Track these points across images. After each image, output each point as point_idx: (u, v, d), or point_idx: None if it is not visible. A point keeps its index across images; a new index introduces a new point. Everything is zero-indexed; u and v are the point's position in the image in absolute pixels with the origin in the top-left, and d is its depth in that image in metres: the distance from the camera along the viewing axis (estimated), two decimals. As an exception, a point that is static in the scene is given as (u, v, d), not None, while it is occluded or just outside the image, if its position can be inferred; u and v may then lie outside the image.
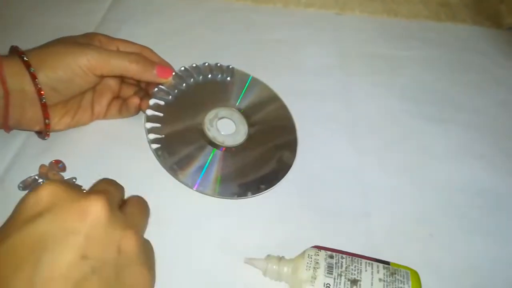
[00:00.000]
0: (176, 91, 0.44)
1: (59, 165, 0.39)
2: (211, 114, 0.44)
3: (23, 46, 0.39)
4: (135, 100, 0.44)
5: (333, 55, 0.58)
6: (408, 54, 0.59)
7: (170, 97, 0.43)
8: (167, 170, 0.40)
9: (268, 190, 0.41)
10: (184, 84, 0.45)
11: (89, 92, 0.43)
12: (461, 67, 0.58)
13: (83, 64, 0.38)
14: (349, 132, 0.48)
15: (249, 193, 0.40)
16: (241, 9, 0.63)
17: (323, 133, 0.48)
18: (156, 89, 0.43)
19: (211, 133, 0.43)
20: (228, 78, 0.48)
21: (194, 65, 0.46)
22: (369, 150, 0.47)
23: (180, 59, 0.46)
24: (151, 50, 0.45)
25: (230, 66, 0.48)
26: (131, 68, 0.40)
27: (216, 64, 0.48)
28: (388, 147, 0.47)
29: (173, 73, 0.44)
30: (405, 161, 0.46)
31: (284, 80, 0.51)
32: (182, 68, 0.45)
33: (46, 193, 0.25)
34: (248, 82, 0.48)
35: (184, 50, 0.56)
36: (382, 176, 0.44)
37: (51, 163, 0.40)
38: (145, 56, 0.42)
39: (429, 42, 0.61)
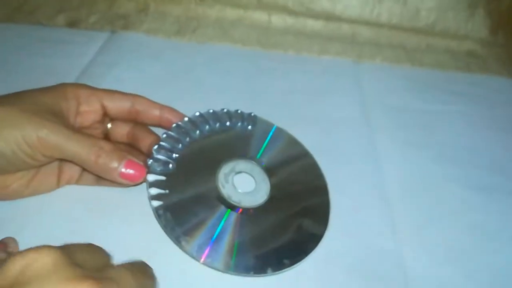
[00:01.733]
0: (187, 139, 0.37)
1: (9, 245, 0.30)
2: (226, 168, 0.37)
3: (4, 89, 0.32)
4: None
5: (355, 107, 0.50)
6: (439, 108, 0.52)
7: (180, 145, 0.36)
8: (169, 237, 0.32)
9: (293, 266, 0.32)
10: (197, 132, 0.38)
11: None
12: (503, 125, 0.50)
13: (31, 142, 0.29)
14: (380, 200, 0.40)
15: (269, 269, 0.32)
16: (248, 54, 0.57)
17: (351, 203, 0.39)
18: (164, 135, 0.36)
19: (225, 190, 0.35)
20: (249, 127, 0.40)
21: (211, 110, 0.40)
22: (407, 227, 0.38)
23: (179, 107, 0.39)
24: (145, 99, 0.37)
25: (252, 114, 0.41)
26: (88, 162, 0.31)
27: (236, 110, 0.41)
28: (431, 223, 0.39)
29: (186, 118, 0.37)
30: (454, 242, 0.37)
31: (299, 134, 0.43)
32: (197, 114, 0.39)
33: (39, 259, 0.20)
34: (272, 132, 0.41)
35: (183, 97, 0.48)
36: (427, 262, 0.35)
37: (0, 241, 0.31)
38: (113, 146, 0.32)
39: (461, 95, 0.54)
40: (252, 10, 0.61)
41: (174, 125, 0.37)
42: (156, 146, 0.35)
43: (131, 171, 0.32)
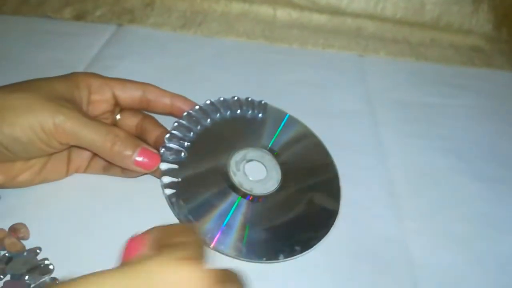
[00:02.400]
0: (198, 127, 0.37)
1: (20, 230, 0.31)
2: (238, 156, 0.37)
3: (12, 80, 0.32)
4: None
5: (360, 100, 0.51)
6: (444, 102, 0.52)
7: (191, 134, 0.36)
8: (180, 221, 0.32)
9: (304, 253, 0.33)
10: (208, 120, 0.38)
11: None
12: (507, 118, 0.51)
13: (47, 128, 0.29)
14: (387, 192, 0.40)
15: (281, 256, 0.32)
16: (253, 47, 0.57)
17: (357, 194, 0.39)
18: (175, 123, 0.36)
19: (237, 178, 0.35)
20: (260, 115, 0.40)
21: (221, 98, 0.39)
22: (413, 216, 0.38)
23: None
24: (156, 87, 0.37)
25: (263, 102, 0.41)
26: (104, 149, 0.31)
27: (247, 98, 0.40)
28: (437, 213, 0.39)
29: (197, 107, 0.37)
30: (459, 232, 0.38)
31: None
32: (208, 102, 0.38)
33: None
34: (285, 120, 0.41)
35: (189, 89, 0.48)
36: (433, 251, 0.36)
37: (11, 227, 0.31)
38: (128, 134, 0.32)
39: (465, 89, 0.54)
40: (257, 4, 0.61)
41: (185, 113, 0.37)
42: (168, 135, 0.35)
43: (145, 160, 0.32)
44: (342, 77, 0.54)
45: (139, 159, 0.32)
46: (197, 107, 0.37)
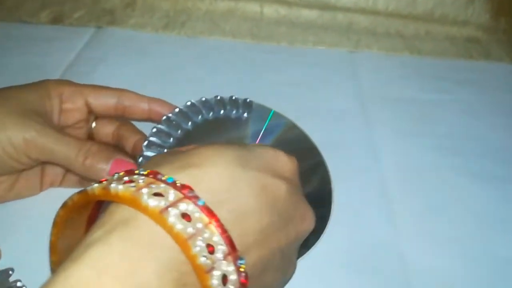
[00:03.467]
0: (179, 131, 0.34)
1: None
2: None
3: None
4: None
5: (352, 98, 0.48)
6: (439, 97, 0.50)
7: (171, 139, 0.34)
8: None
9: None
10: (189, 123, 0.35)
11: None
12: (505, 111, 0.48)
13: (17, 144, 0.28)
14: (380, 193, 0.38)
15: None
16: (240, 47, 0.55)
17: (349, 193, 0.37)
18: (154, 129, 0.33)
19: None
20: (245, 115, 0.38)
21: (203, 99, 0.37)
22: (406, 217, 0.36)
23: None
24: (133, 93, 0.35)
25: (248, 100, 0.38)
26: (76, 164, 0.30)
27: (231, 97, 0.38)
28: (431, 214, 0.37)
29: (177, 109, 0.35)
30: (453, 233, 0.35)
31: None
32: (188, 103, 0.36)
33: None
34: (269, 118, 0.39)
35: (173, 93, 0.46)
36: (427, 254, 0.34)
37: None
38: (100, 147, 0.31)
39: (462, 83, 0.52)
40: (243, 1, 0.58)
41: (164, 118, 0.34)
42: (145, 142, 0.33)
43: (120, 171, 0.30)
44: (333, 74, 0.52)
45: (113, 171, 0.30)
46: (176, 110, 0.35)
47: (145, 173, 0.19)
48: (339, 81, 0.51)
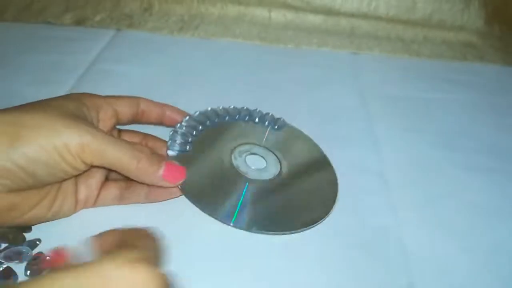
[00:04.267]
0: (200, 127, 0.39)
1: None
2: (240, 149, 0.40)
3: (5, 86, 0.33)
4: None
5: (353, 97, 0.52)
6: (436, 97, 0.53)
7: (195, 132, 0.39)
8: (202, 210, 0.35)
9: (303, 230, 0.35)
10: (208, 122, 0.41)
11: None
12: (499, 110, 0.51)
13: (73, 148, 0.28)
14: (381, 183, 0.41)
15: (282, 229, 0.35)
16: (249, 48, 0.58)
17: (352, 184, 0.40)
18: (183, 123, 0.38)
19: (242, 168, 0.38)
20: (256, 120, 0.43)
21: (220, 107, 0.43)
22: (406, 207, 0.39)
23: (184, 101, 0.40)
24: (147, 99, 0.36)
25: (270, 114, 0.44)
26: (130, 167, 0.30)
27: (255, 109, 0.44)
28: (430, 203, 0.39)
29: (187, 117, 0.39)
30: (451, 220, 0.38)
31: (299, 124, 0.44)
32: (209, 109, 0.42)
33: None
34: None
35: (187, 90, 0.50)
36: (426, 239, 0.36)
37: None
38: (151, 150, 0.32)
39: (457, 84, 0.55)
40: (253, 6, 0.62)
41: (184, 119, 0.38)
42: (171, 132, 0.37)
43: (172, 173, 0.32)
44: (337, 74, 0.55)
45: (166, 173, 0.32)
46: (187, 117, 0.39)
47: None
48: (342, 80, 0.54)
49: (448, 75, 0.57)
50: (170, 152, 0.36)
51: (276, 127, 0.43)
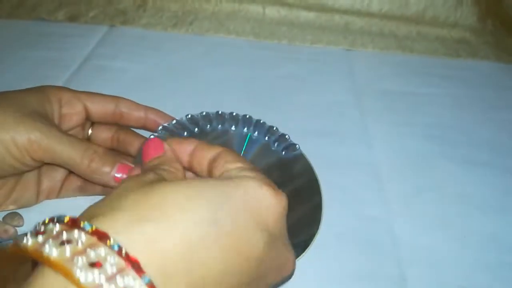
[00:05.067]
0: (185, 133, 0.35)
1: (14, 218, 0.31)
2: None
3: (10, 80, 0.33)
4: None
5: (346, 92, 0.52)
6: (428, 92, 0.53)
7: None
8: None
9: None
10: (185, 133, 0.36)
11: None
12: (491, 105, 0.52)
13: (21, 144, 0.28)
14: (372, 177, 0.41)
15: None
16: (242, 44, 0.58)
17: (343, 179, 0.40)
18: (152, 136, 0.33)
19: None
20: (245, 130, 0.38)
21: (203, 113, 0.37)
22: (397, 199, 0.39)
23: (177, 96, 0.40)
24: (129, 101, 0.35)
25: (248, 116, 0.38)
26: (81, 166, 0.29)
27: (231, 113, 0.38)
28: (421, 195, 0.40)
29: (174, 121, 0.35)
30: (442, 212, 0.38)
31: (293, 119, 0.44)
32: (189, 116, 0.36)
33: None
34: (247, 140, 0.38)
35: (180, 86, 0.50)
36: (417, 231, 0.37)
37: (5, 216, 0.32)
38: (106, 150, 0.31)
39: (450, 79, 0.56)
40: (247, 3, 0.62)
41: (160, 127, 0.35)
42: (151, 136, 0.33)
43: (124, 175, 0.30)
44: (330, 70, 0.55)
45: (118, 175, 0.30)
46: (174, 121, 0.35)
47: (89, 230, 0.17)
48: (335, 76, 0.54)
49: (441, 71, 0.57)
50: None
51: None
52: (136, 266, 0.16)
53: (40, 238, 0.17)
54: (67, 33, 0.57)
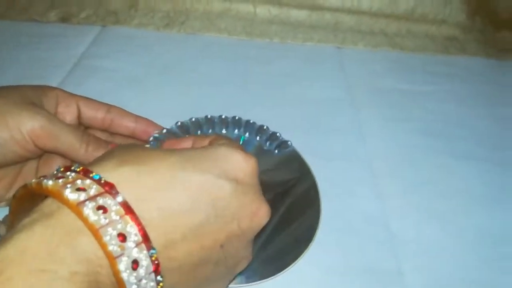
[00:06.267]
0: None
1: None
2: None
3: (3, 82, 0.33)
4: None
5: (339, 89, 0.52)
6: (420, 88, 0.54)
7: None
8: None
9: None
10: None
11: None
12: (483, 100, 0.52)
13: (26, 130, 0.29)
14: (367, 172, 0.42)
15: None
16: (234, 43, 0.59)
17: (337, 174, 0.41)
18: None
19: None
20: (236, 131, 0.39)
21: (192, 119, 0.37)
22: (394, 195, 0.40)
23: (170, 96, 0.40)
24: (121, 109, 0.36)
25: (237, 117, 0.38)
26: (80, 151, 0.31)
27: (220, 116, 0.38)
28: (416, 190, 0.40)
29: (164, 130, 0.36)
30: (437, 206, 0.39)
31: (286, 115, 0.45)
32: (179, 123, 0.37)
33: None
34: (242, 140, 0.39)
35: (173, 85, 0.50)
36: (412, 225, 0.37)
37: (4, 217, 0.32)
38: (96, 136, 0.33)
39: (440, 75, 0.56)
40: (238, 2, 0.63)
41: (151, 137, 0.35)
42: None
43: None
44: (322, 67, 0.56)
45: None
46: (164, 130, 0.36)
47: (78, 169, 0.21)
48: (327, 73, 0.55)
49: (431, 68, 0.58)
50: None
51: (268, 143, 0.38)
52: (113, 190, 0.21)
53: (60, 181, 0.20)
54: (59, 34, 0.57)
